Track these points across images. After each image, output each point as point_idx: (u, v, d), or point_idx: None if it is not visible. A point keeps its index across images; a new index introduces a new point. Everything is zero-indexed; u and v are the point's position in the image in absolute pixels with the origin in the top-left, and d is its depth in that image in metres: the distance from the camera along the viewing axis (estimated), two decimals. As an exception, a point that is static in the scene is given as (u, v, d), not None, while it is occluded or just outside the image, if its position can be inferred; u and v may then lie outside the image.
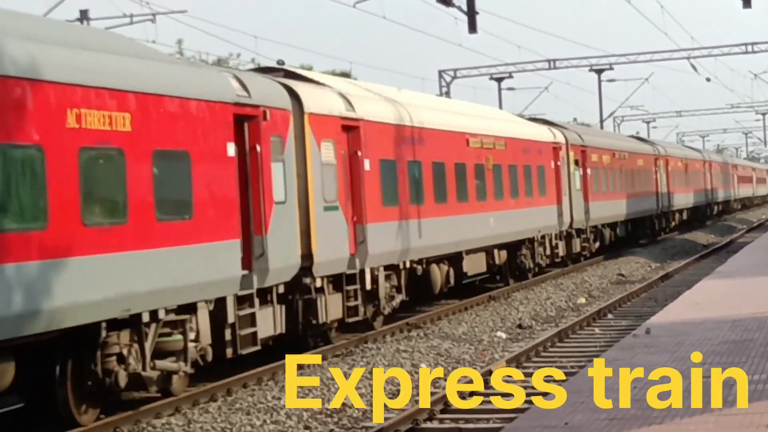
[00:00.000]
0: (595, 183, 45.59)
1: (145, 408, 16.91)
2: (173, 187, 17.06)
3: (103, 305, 15.30)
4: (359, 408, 17.46)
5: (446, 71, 61.13)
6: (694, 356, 16.13)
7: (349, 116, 23.85)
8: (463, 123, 31.60)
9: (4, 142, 13.78)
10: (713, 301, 25.15)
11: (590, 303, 32.62)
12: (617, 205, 49.37)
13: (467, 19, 36.29)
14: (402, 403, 17.72)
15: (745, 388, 13.73)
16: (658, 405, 13.20)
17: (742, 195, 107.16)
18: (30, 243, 13.98)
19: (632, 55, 63.51)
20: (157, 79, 16.96)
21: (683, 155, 71.25)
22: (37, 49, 14.58)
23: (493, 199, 32.75)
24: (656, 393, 13.88)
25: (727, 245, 56.13)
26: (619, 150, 51.26)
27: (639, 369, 15.39)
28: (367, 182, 24.32)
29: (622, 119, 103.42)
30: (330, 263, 22.57)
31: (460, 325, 26.99)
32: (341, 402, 17.41)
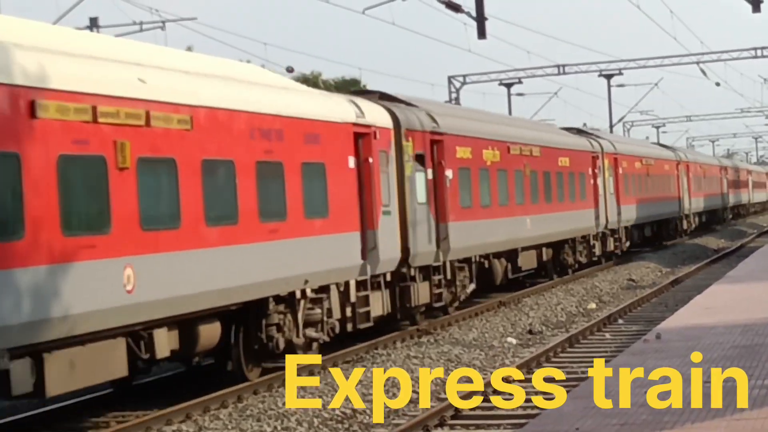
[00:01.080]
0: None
1: (156, 414, 16.93)
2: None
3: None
4: (359, 407, 17.41)
5: (456, 77, 61.17)
6: (694, 356, 16.06)
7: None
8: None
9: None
10: (724, 305, 25.11)
11: (601, 308, 32.57)
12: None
13: (476, 25, 36.33)
14: (402, 403, 17.58)
15: (745, 389, 13.59)
16: (660, 405, 13.12)
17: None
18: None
19: (642, 60, 63.48)
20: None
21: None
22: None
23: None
24: (656, 393, 13.78)
25: (737, 250, 56.06)
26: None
27: (639, 369, 15.31)
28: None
29: (632, 124, 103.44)
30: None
31: (470, 330, 26.97)
32: (341, 402, 17.30)
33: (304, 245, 20.93)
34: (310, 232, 21.22)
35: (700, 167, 70.43)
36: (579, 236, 41.86)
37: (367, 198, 23.91)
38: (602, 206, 44.81)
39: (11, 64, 14.23)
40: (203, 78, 18.73)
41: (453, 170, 29.20)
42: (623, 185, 48.91)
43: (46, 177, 14.49)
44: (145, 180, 16.42)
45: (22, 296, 13.91)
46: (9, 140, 13.97)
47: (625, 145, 52.55)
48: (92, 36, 25.71)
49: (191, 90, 17.92)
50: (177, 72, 18.21)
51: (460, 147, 29.98)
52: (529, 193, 35.74)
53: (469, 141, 30.70)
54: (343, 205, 22.65)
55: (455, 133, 29.61)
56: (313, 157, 21.55)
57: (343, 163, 22.86)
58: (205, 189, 17.93)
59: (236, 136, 18.95)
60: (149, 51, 19.05)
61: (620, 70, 66.10)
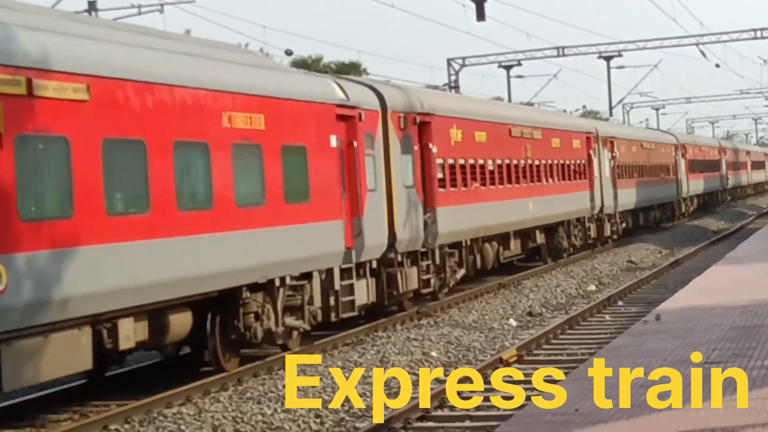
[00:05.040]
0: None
1: (157, 397, 16.94)
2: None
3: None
4: (359, 407, 17.25)
5: (455, 59, 61.01)
6: (694, 356, 15.99)
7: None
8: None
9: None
10: (723, 287, 25.13)
11: (600, 290, 32.59)
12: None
13: (475, 7, 36.31)
14: (402, 403, 17.36)
15: (745, 388, 13.54)
16: (660, 405, 13.10)
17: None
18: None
19: (641, 41, 63.31)
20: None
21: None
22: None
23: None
24: (656, 393, 13.74)
25: (737, 231, 56.08)
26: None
27: (639, 369, 15.22)
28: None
29: (632, 106, 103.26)
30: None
31: (470, 313, 26.99)
32: (341, 402, 17.17)
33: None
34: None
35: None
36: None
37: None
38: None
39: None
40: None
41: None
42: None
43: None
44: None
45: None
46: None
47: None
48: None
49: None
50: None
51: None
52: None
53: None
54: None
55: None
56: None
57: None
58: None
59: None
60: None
61: (620, 52, 65.89)
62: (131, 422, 15.96)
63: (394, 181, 25.16)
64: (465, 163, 29.93)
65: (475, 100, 34.74)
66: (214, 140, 18.25)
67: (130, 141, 16.29)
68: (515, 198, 33.87)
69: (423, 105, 27.31)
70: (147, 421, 16.08)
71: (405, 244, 25.63)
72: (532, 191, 35.67)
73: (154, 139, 16.81)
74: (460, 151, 29.57)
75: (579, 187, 41.64)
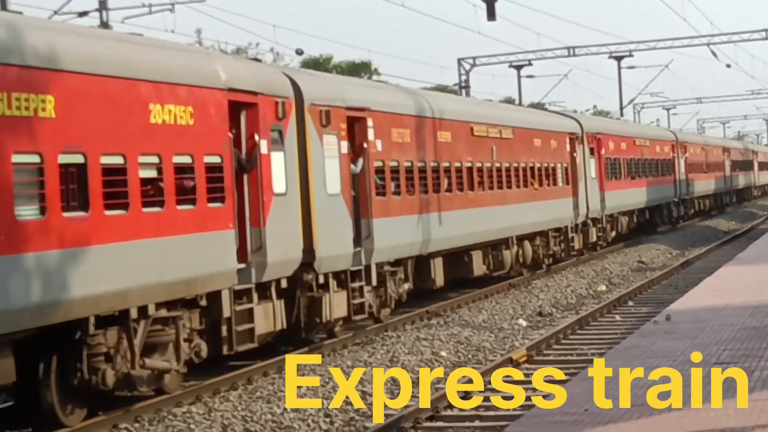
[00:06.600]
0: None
1: (166, 396, 16.96)
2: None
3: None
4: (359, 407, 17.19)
5: (465, 59, 60.94)
6: (694, 356, 15.95)
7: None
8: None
9: None
10: (734, 287, 25.10)
11: (611, 290, 32.55)
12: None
13: (486, 7, 36.29)
14: (402, 403, 17.27)
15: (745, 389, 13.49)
16: (660, 405, 13.06)
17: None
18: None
19: (652, 41, 63.19)
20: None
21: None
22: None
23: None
24: (656, 393, 13.69)
25: (747, 232, 55.97)
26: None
27: (639, 369, 15.17)
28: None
29: (642, 106, 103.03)
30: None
31: (480, 312, 26.98)
32: (341, 402, 17.14)
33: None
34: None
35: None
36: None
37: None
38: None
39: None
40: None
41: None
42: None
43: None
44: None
45: None
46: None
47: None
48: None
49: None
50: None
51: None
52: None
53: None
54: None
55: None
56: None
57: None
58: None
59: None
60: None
61: (630, 52, 65.78)
62: (141, 421, 16.00)
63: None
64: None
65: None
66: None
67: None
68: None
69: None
70: (157, 419, 16.12)
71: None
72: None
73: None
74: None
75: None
